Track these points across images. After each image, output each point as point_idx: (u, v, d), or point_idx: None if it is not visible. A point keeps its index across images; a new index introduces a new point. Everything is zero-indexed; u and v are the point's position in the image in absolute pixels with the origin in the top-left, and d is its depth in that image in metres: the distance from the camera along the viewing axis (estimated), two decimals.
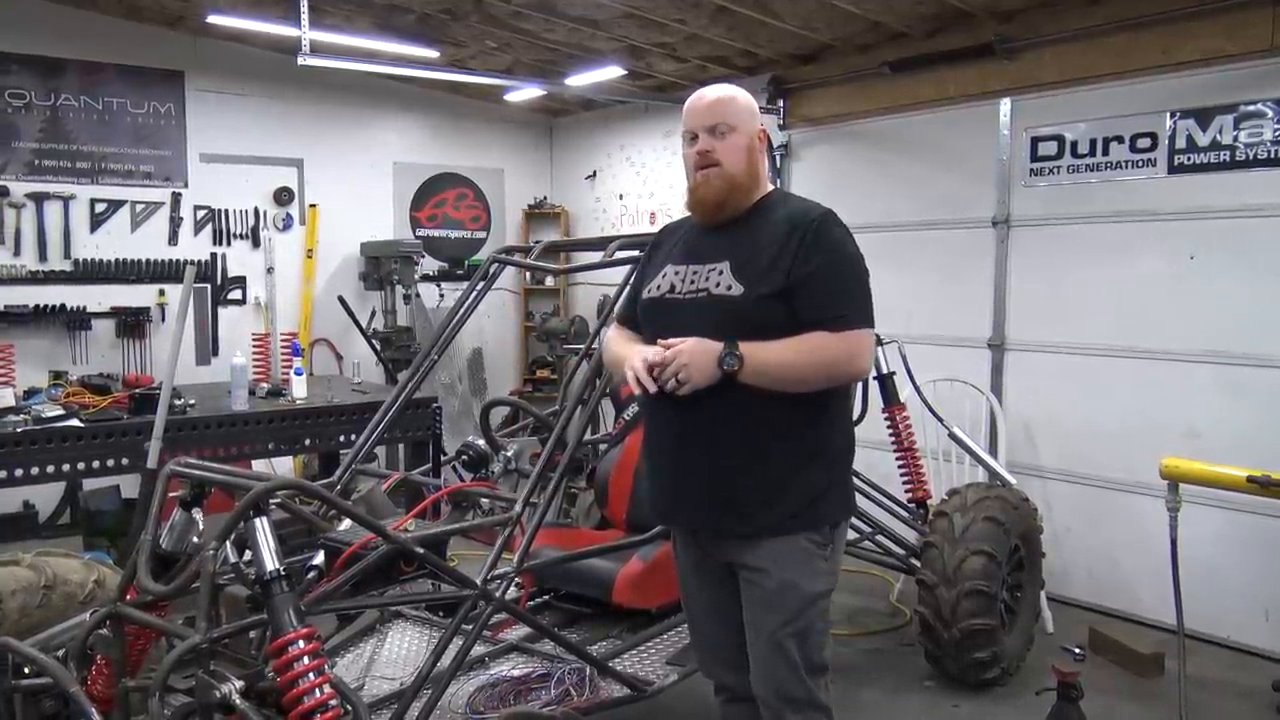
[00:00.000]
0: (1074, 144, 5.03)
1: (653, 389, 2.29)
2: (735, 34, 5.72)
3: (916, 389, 4.72)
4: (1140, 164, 4.78)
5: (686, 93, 2.52)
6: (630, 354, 2.36)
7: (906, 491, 4.53)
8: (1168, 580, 3.47)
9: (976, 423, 5.21)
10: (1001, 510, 4.04)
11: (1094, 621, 4.68)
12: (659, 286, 2.49)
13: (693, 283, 2.41)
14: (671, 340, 2.29)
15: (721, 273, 2.36)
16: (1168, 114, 4.67)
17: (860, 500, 4.35)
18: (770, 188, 2.52)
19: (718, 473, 2.36)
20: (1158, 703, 3.97)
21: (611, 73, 6.60)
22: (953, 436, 4.75)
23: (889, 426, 4.56)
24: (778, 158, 6.45)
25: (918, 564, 4.13)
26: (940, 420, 4.77)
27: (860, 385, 4.29)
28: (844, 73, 6.06)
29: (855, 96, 6.05)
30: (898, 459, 4.55)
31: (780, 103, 6.42)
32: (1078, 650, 4.42)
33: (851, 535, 4.33)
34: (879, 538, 4.38)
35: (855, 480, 4.25)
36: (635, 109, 7.50)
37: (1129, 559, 4.85)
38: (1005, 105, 5.27)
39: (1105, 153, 4.91)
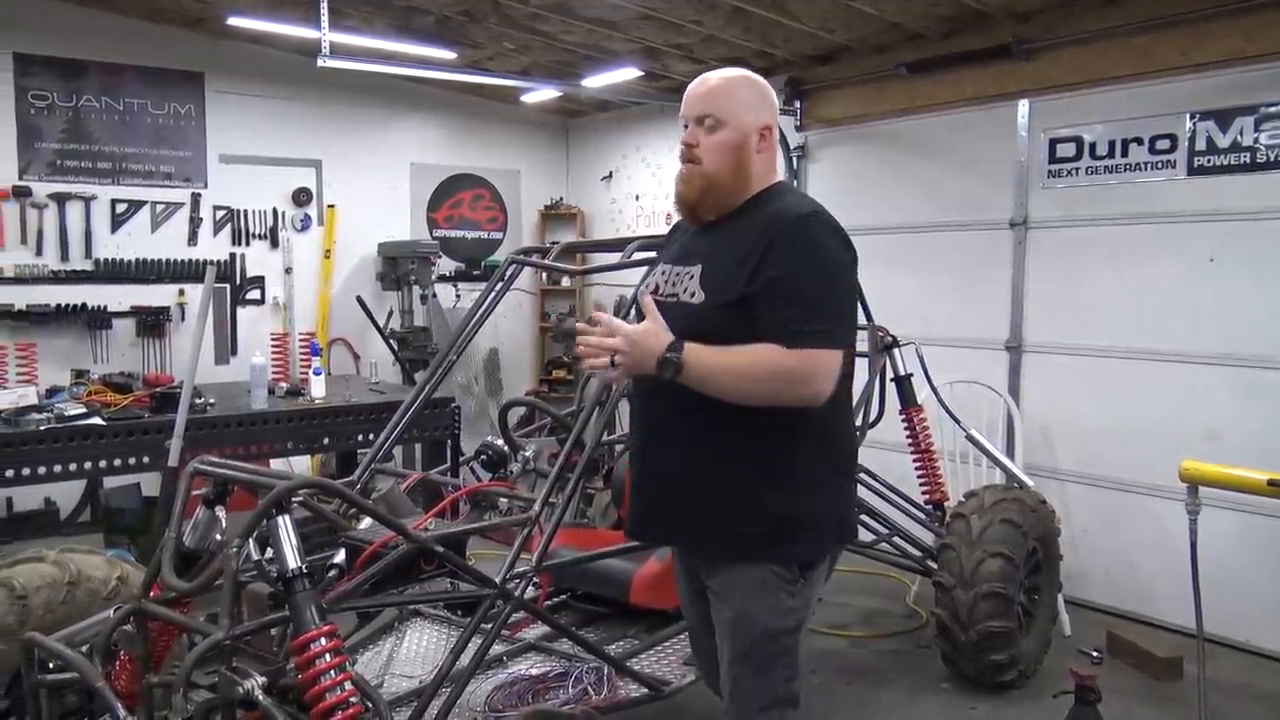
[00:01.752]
0: (1092, 145, 5.01)
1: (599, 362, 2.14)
2: (751, 35, 5.73)
3: (934, 390, 4.71)
4: (1159, 165, 4.76)
5: None
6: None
7: (923, 493, 4.53)
8: (1186, 583, 3.45)
9: (994, 425, 5.20)
10: (1019, 512, 4.03)
11: (1112, 624, 4.67)
12: (648, 286, 2.37)
13: (672, 285, 2.28)
14: (648, 307, 2.16)
15: (692, 277, 2.22)
16: (1187, 115, 4.65)
17: (877, 501, 4.40)
18: (776, 179, 2.31)
19: (675, 490, 2.24)
20: (1176, 706, 3.96)
21: (628, 74, 6.61)
22: (970, 438, 4.74)
23: (906, 428, 4.55)
24: (794, 159, 6.45)
25: (935, 566, 4.12)
26: (958, 422, 4.76)
27: (877, 387, 4.29)
28: (861, 74, 6.05)
29: (872, 98, 6.05)
30: (914, 461, 4.54)
31: (797, 104, 6.41)
32: (1095, 653, 4.41)
33: (868, 537, 4.34)
34: (895, 539, 4.38)
35: (873, 481, 4.35)
36: (651, 110, 7.51)
37: (1147, 562, 4.83)
38: (1023, 106, 5.25)
39: (1124, 154, 4.89)
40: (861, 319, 4.31)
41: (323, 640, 2.06)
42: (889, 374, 4.44)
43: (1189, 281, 4.67)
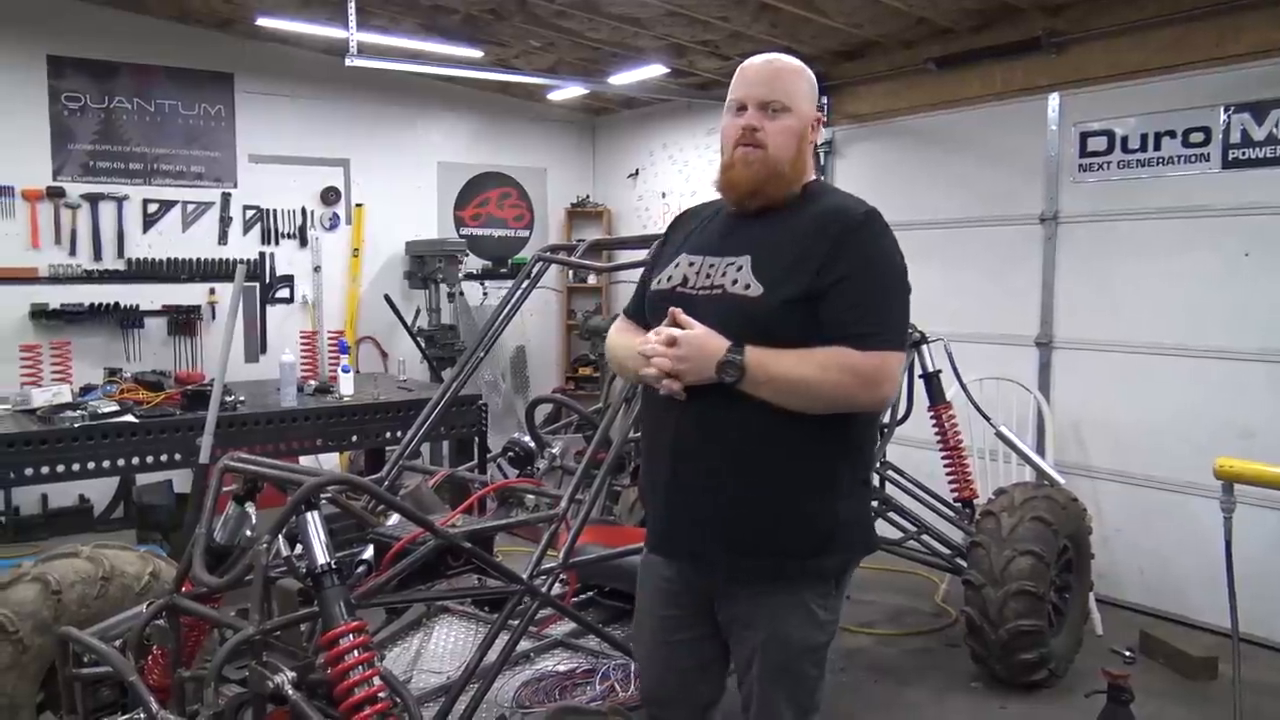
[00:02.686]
0: (1124, 139, 4.95)
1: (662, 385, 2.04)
2: (779, 31, 5.70)
3: (963, 387, 4.68)
4: (1193, 159, 4.70)
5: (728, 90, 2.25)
6: (638, 343, 2.12)
7: (952, 491, 4.49)
8: (1221, 582, 3.40)
9: (1023, 422, 5.15)
10: (1049, 510, 3.99)
11: (1144, 624, 4.61)
12: (670, 277, 2.20)
13: (708, 277, 2.12)
14: (685, 319, 2.04)
15: (740, 269, 2.08)
16: (1221, 108, 4.58)
17: (905, 499, 4.38)
18: (812, 177, 2.22)
19: (708, 504, 2.10)
20: (1210, 707, 3.91)
21: (654, 71, 6.61)
22: (1000, 435, 4.70)
23: (935, 425, 4.51)
24: (822, 155, 6.42)
25: (964, 564, 4.09)
26: (987, 419, 4.72)
27: (905, 384, 4.26)
28: (888, 69, 6.02)
29: (900, 93, 6.01)
30: (943, 458, 4.51)
31: (824, 100, 6.38)
32: (1128, 653, 4.36)
33: (896, 534, 4.31)
34: (924, 537, 4.35)
35: (901, 479, 4.33)
36: (677, 107, 7.50)
37: (1181, 561, 4.77)
38: (1053, 100, 5.20)
39: (1156, 148, 4.83)
40: None
41: (351, 636, 2.07)
42: (917, 370, 4.42)
43: (1224, 276, 4.61)
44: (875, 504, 4.33)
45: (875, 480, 4.29)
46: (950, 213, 5.74)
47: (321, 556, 2.14)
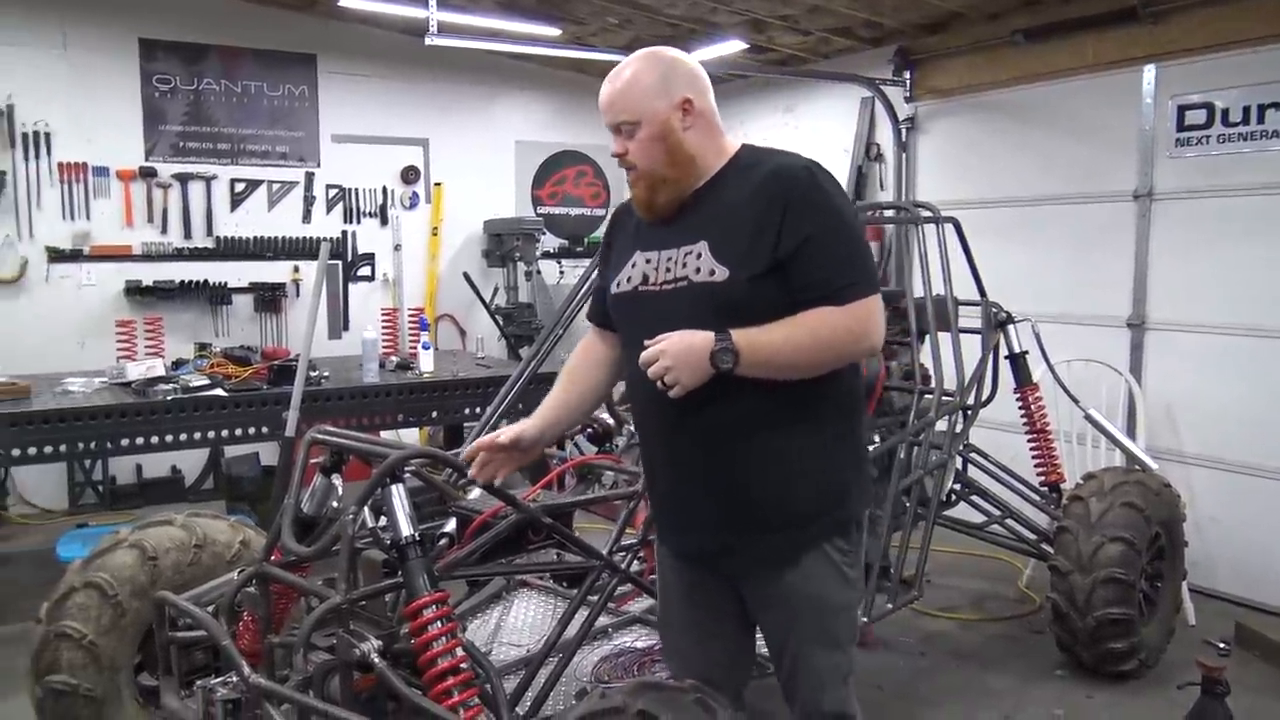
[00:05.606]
0: (1225, 112, 4.75)
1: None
2: (859, 4, 5.59)
3: (1050, 369, 4.55)
4: None
5: (809, 66, 2.21)
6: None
7: (1038, 475, 4.39)
8: None
9: (1113, 405, 4.99)
10: (1141, 496, 3.87)
11: (1240, 615, 4.46)
12: (629, 279, 2.16)
13: (669, 270, 2.08)
14: (657, 339, 1.98)
15: (700, 255, 2.03)
16: None
17: (989, 482, 4.28)
18: (734, 148, 2.14)
19: (725, 492, 2.10)
20: None
21: (732, 47, 6.52)
22: (1089, 418, 4.57)
23: (1021, 407, 4.41)
24: (903, 131, 6.28)
25: (1049, 549, 3.99)
26: (1075, 401, 4.59)
27: (990, 364, 4.16)
28: (973, 42, 5.85)
29: (986, 66, 5.84)
30: (1030, 441, 4.40)
31: (906, 74, 6.24)
32: (1223, 644, 4.21)
33: (979, 518, 4.23)
34: (1008, 521, 4.26)
35: (985, 461, 4.25)
36: (754, 83, 7.40)
37: None
38: (1149, 72, 5.01)
39: (1260, 120, 4.63)
40: (974, 295, 4.20)
41: (434, 607, 2.10)
42: (1003, 351, 4.31)
43: None
44: (957, 487, 4.27)
45: (958, 462, 4.22)
46: (1037, 190, 5.57)
47: (406, 528, 2.17)
